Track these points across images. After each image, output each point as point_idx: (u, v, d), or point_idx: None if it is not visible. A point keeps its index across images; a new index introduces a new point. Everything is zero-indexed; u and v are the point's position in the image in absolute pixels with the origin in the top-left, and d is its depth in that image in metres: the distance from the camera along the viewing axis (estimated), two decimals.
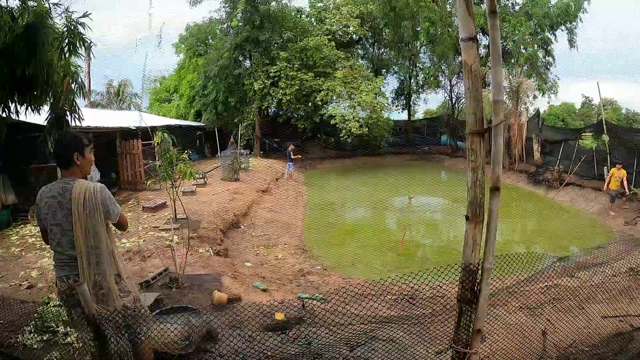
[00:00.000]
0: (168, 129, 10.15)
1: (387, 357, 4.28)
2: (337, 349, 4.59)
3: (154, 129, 9.16)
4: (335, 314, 4.54)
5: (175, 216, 10.43)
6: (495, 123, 2.27)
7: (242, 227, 12.78)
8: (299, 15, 32.88)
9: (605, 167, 18.39)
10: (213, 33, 32.92)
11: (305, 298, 6.52)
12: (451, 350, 2.83)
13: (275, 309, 5.17)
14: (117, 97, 41.07)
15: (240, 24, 28.67)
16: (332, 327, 4.60)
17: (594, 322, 5.78)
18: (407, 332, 4.59)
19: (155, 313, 4.53)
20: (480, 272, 2.45)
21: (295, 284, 8.49)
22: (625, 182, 16.04)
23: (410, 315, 4.95)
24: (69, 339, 4.61)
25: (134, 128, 16.19)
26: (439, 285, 4.56)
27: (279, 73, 28.06)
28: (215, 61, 28.57)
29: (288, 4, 31.53)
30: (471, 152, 2.30)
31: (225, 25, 31.33)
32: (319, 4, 34.16)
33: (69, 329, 4.69)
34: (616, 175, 16.05)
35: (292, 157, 22.41)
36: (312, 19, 33.78)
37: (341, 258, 10.77)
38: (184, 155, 7.84)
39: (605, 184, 16.67)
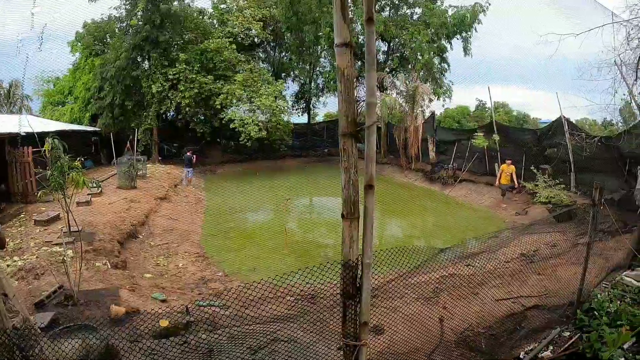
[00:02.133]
0: (61, 134, 9.49)
1: (289, 358, 4.31)
2: (240, 354, 4.56)
3: (44, 134, 8.53)
4: (235, 319, 4.52)
5: (70, 229, 9.75)
6: (367, 124, 2.38)
7: (140, 236, 12.29)
8: (200, 17, 31.89)
9: (496, 164, 19.96)
10: (112, 31, 31.05)
11: (205, 305, 6.41)
12: (342, 344, 2.91)
13: (161, 316, 5.05)
14: (7, 99, 37.32)
15: (140, 23, 27.30)
16: (233, 333, 4.57)
17: (488, 305, 6.24)
18: (307, 331, 4.66)
19: (50, 333, 4.26)
20: (360, 267, 2.55)
21: (197, 292, 8.33)
22: (514, 177, 17.50)
23: (311, 313, 5.02)
24: None
25: (24, 134, 14.86)
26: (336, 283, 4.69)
27: (178, 75, 27.12)
28: (112, 62, 26.98)
29: (190, 4, 30.73)
30: (343, 153, 2.40)
31: (124, 24, 29.67)
32: (222, 6, 33.59)
33: None
34: (506, 171, 17.46)
35: (192, 161, 21.80)
36: (214, 21, 33.04)
37: (242, 263, 10.73)
38: (76, 163, 7.39)
39: (497, 180, 18.06)
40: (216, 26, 32.28)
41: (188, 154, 21.70)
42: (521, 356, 5.27)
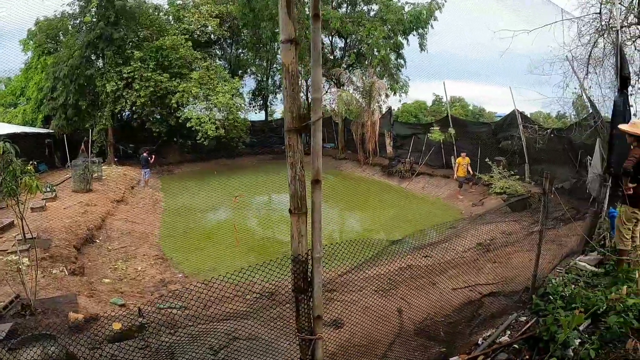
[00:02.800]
0: (13, 137, 9.16)
1: (252, 356, 4.30)
2: (201, 355, 4.53)
3: None
4: (196, 319, 4.48)
5: (24, 236, 9.40)
6: (313, 119, 2.39)
7: (98, 241, 12.04)
8: (156, 13, 31.14)
9: (452, 157, 20.41)
10: (65, 29, 29.93)
11: (165, 307, 6.31)
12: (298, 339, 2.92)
13: (113, 319, 4.98)
14: None
15: (94, 19, 26.51)
16: (193, 333, 4.53)
17: (446, 294, 6.37)
18: (269, 328, 4.65)
19: (9, 345, 4.14)
20: (310, 262, 2.57)
21: (157, 295, 8.22)
22: (469, 168, 17.92)
23: (271, 310, 5.02)
24: None
25: None
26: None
27: (133, 74, 26.47)
28: (65, 60, 26.05)
29: (146, 0, 29.99)
30: (289, 149, 2.40)
31: (78, 21, 28.69)
32: (178, 2, 32.98)
33: None
34: (462, 164, 17.87)
35: (148, 161, 21.37)
36: (170, 17, 32.32)
37: (202, 263, 10.63)
38: (29, 167, 7.13)
39: (454, 172, 18.47)
40: (172, 23, 31.64)
41: (144, 154, 21.27)
42: (479, 342, 5.36)
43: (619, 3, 11.13)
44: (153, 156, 22.06)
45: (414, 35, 30.51)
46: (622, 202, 6.91)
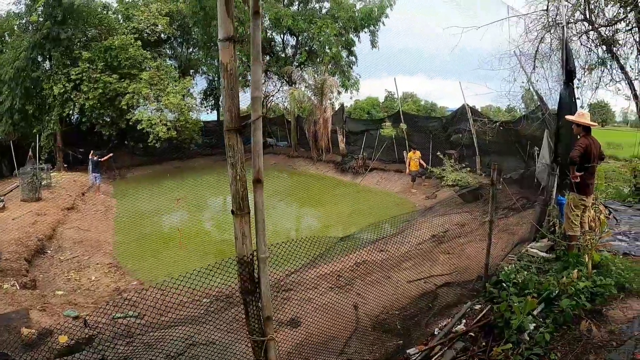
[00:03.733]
0: None
1: None
2: None
3: None
4: (151, 327, 4.39)
5: None
6: (253, 118, 2.37)
7: (49, 251, 11.61)
8: (105, 12, 30.10)
9: (405, 152, 20.73)
10: (10, 29, 28.53)
11: (120, 317, 6.16)
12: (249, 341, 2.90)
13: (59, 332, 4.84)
14: None
15: (41, 19, 25.33)
16: (150, 342, 4.44)
17: (401, 287, 6.46)
18: (225, 332, 4.60)
19: None
20: (256, 262, 2.54)
21: (112, 305, 8.00)
22: (421, 161, 18.25)
23: (225, 312, 4.96)
24: None
25: None
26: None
27: (81, 75, 25.45)
28: (11, 62, 24.75)
29: None
30: (229, 149, 2.37)
31: (24, 21, 27.44)
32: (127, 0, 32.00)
33: None
34: (413, 158, 18.18)
35: (99, 165, 20.65)
36: (119, 16, 31.29)
37: (157, 269, 10.41)
38: None
39: (407, 167, 18.77)
40: (121, 22, 30.62)
41: (95, 158, 20.58)
42: (435, 332, 5.46)
43: (566, 0, 11.62)
44: (105, 157, 21.33)
45: (365, 32, 30.81)
46: (570, 190, 7.17)
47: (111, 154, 22.47)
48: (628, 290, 5.65)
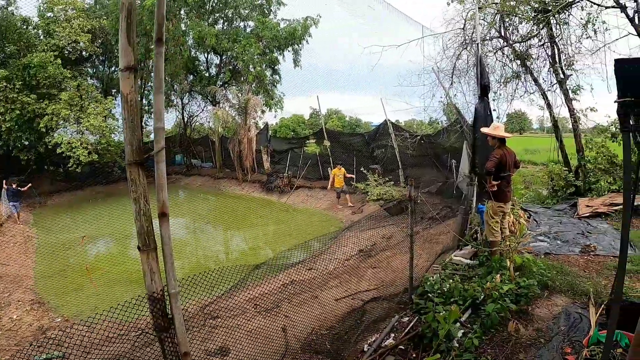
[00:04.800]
0: None
1: None
2: None
3: None
4: None
5: None
6: (156, 150, 2.30)
7: None
8: (25, 26, 28.25)
9: (329, 168, 20.97)
10: None
11: (43, 359, 5.74)
12: None
13: None
14: None
15: None
16: None
17: (329, 306, 6.45)
18: None
19: None
20: (168, 298, 2.45)
21: (36, 346, 7.43)
22: (348, 175, 18.53)
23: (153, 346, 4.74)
24: None
25: None
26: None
27: None
28: None
29: (15, 12, 27.15)
30: (132, 183, 2.28)
31: None
32: (49, 14, 29.95)
33: None
34: (338, 174, 18.42)
35: (18, 194, 19.29)
36: (40, 32, 29.49)
37: (83, 303, 9.81)
38: None
39: (329, 184, 18.97)
40: (41, 38, 28.87)
41: (13, 186, 19.20)
42: (365, 349, 5.45)
43: (481, 19, 12.34)
44: (25, 186, 19.93)
45: (289, 51, 31.10)
46: (488, 198, 7.52)
47: (30, 184, 21.03)
48: (552, 288, 5.98)
